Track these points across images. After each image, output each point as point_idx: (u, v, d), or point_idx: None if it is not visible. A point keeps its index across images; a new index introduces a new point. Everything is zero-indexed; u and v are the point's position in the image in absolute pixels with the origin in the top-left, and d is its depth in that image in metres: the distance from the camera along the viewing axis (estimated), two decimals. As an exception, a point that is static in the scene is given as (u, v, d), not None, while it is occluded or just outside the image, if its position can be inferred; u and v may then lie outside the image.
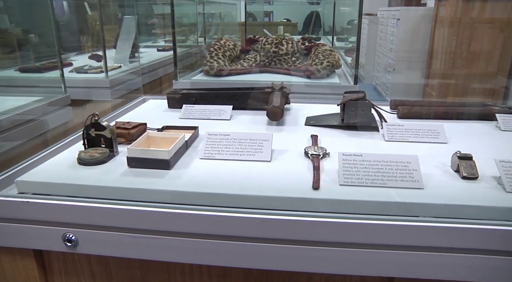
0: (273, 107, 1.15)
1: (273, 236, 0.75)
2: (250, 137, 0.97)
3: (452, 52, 3.81)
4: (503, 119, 1.20)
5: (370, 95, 4.56)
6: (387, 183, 0.79)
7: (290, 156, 0.95)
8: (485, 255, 0.73)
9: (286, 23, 5.37)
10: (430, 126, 1.10)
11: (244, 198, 0.79)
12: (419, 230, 0.73)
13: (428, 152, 1.00)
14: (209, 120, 1.26)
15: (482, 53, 3.70)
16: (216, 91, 1.39)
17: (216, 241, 0.78)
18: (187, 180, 0.86)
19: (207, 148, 0.97)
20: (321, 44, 2.21)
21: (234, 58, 2.23)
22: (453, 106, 1.29)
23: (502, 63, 3.64)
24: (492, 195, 0.79)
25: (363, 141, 1.07)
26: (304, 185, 0.80)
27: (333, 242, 0.74)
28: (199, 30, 3.60)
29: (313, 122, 1.20)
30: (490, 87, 3.71)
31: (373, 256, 0.74)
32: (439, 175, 0.86)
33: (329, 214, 0.74)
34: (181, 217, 0.77)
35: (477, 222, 0.73)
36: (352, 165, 0.82)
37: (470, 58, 3.78)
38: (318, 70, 1.86)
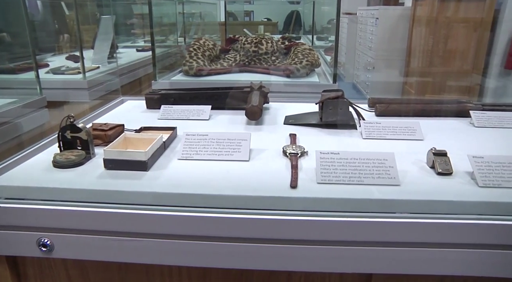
0: (251, 107, 1.15)
1: (251, 235, 0.75)
2: (228, 137, 0.97)
3: (429, 51, 3.88)
4: (477, 116, 1.23)
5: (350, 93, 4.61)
6: (364, 180, 0.80)
7: (269, 155, 0.95)
8: (460, 248, 0.75)
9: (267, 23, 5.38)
10: (407, 123, 1.12)
11: (222, 198, 0.78)
12: (396, 226, 0.74)
13: (405, 148, 1.01)
14: (188, 121, 1.25)
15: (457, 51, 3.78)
16: (194, 91, 1.38)
17: (195, 242, 0.77)
18: (165, 181, 0.85)
19: (185, 148, 0.96)
20: (301, 44, 2.22)
21: (214, 58, 2.22)
22: (429, 104, 1.31)
23: (476, 62, 3.73)
24: (465, 190, 0.80)
25: (341, 139, 1.08)
26: (282, 184, 0.81)
27: (312, 240, 0.74)
28: (179, 30, 3.57)
29: (292, 121, 1.20)
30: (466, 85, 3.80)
31: (351, 253, 0.75)
32: (415, 171, 0.88)
33: (307, 212, 0.74)
34: (159, 218, 0.77)
35: (452, 217, 0.75)
36: (329, 163, 0.82)
37: (446, 57, 3.85)
38: (297, 69, 1.87)
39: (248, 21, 5.84)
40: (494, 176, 0.83)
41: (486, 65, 3.72)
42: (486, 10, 3.66)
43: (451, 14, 3.77)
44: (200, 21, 4.42)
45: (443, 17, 3.79)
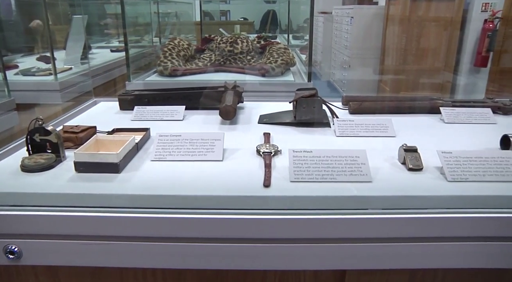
0: (225, 107, 1.15)
1: (225, 235, 0.75)
2: (201, 137, 0.96)
3: (403, 49, 3.96)
4: (447, 113, 1.26)
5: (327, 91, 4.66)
6: (337, 177, 0.81)
7: (242, 155, 0.95)
8: (431, 242, 0.76)
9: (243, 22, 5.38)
10: (380, 121, 1.13)
11: (195, 199, 0.78)
12: (368, 222, 0.75)
13: (377, 145, 1.02)
14: (161, 122, 1.24)
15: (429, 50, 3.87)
16: (168, 92, 1.37)
17: (168, 244, 0.76)
18: (137, 182, 0.84)
19: (158, 149, 0.95)
20: (276, 43, 2.23)
21: (189, 58, 2.21)
22: (401, 101, 1.34)
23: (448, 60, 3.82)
24: (435, 184, 0.82)
25: (315, 137, 1.09)
26: (256, 183, 0.81)
27: (286, 238, 0.75)
28: (154, 30, 3.53)
29: (266, 120, 1.20)
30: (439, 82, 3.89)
31: (325, 250, 0.76)
32: (387, 168, 0.89)
33: (280, 211, 0.74)
34: (131, 221, 0.76)
35: (422, 211, 0.76)
36: (302, 161, 0.83)
37: (419, 55, 3.94)
38: (272, 69, 1.88)
39: (225, 20, 5.83)
40: (462, 170, 0.85)
41: (457, 63, 3.82)
42: (455, 10, 3.76)
43: (422, 13, 3.86)
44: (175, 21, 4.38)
45: (415, 16, 3.87)
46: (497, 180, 0.83)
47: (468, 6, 3.80)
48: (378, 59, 4.42)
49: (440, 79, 3.86)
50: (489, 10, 3.67)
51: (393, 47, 4.10)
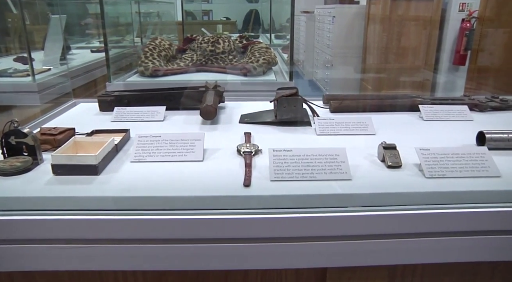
0: (206, 107, 1.15)
1: (206, 236, 0.75)
2: (181, 137, 0.95)
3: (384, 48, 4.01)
4: (425, 110, 1.28)
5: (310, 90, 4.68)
6: (317, 176, 0.81)
7: (223, 155, 0.95)
8: (410, 238, 0.77)
9: (225, 22, 5.36)
10: (360, 119, 1.14)
11: (175, 200, 0.77)
12: (348, 220, 0.75)
13: (357, 143, 1.03)
14: (142, 122, 1.23)
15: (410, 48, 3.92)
16: (149, 92, 1.36)
17: (149, 245, 0.76)
18: (117, 184, 0.83)
19: (138, 150, 0.94)
20: (257, 42, 2.23)
21: (170, 58, 2.19)
22: (381, 99, 1.35)
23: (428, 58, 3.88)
24: (413, 181, 0.83)
25: (296, 136, 1.09)
26: (236, 183, 0.80)
27: (266, 237, 0.75)
28: (135, 30, 3.49)
29: (247, 120, 1.20)
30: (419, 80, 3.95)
31: (306, 249, 0.76)
32: (367, 165, 0.90)
33: (260, 210, 0.74)
34: (111, 223, 0.75)
35: (401, 208, 0.77)
36: (282, 160, 0.83)
37: (400, 53, 3.99)
38: (254, 68, 1.88)
39: (207, 20, 5.81)
40: (439, 167, 0.86)
41: (437, 62, 3.89)
42: (434, 9, 3.82)
43: (402, 12, 3.91)
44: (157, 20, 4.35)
45: (396, 15, 3.92)
46: (473, 176, 0.85)
47: (446, 5, 3.87)
48: (360, 58, 4.46)
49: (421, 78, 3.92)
50: (466, 10, 3.74)
51: (375, 46, 4.15)
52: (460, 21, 3.80)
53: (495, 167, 0.87)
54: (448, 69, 3.91)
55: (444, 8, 3.90)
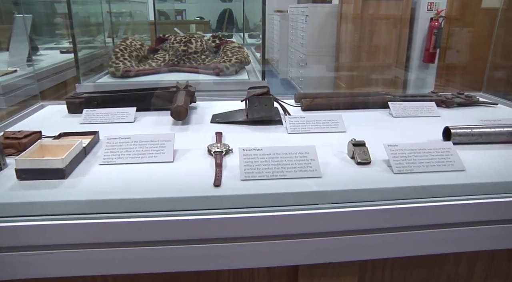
0: (177, 107, 1.14)
1: (177, 237, 0.74)
2: (151, 139, 0.94)
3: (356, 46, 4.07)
4: (394, 107, 1.30)
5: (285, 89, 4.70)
6: (287, 174, 0.82)
7: (194, 155, 0.94)
8: (379, 233, 0.78)
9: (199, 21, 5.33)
10: (330, 116, 1.15)
11: (145, 202, 0.76)
12: (319, 217, 0.76)
13: (328, 141, 1.04)
14: (112, 124, 1.21)
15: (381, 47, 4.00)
16: (119, 94, 1.33)
17: (118, 249, 0.74)
18: (85, 188, 0.81)
19: (107, 152, 0.92)
20: (230, 42, 2.22)
21: (142, 58, 2.16)
22: (352, 97, 1.37)
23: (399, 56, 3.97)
24: (382, 177, 0.85)
25: (267, 134, 1.09)
26: (206, 183, 0.80)
27: (237, 237, 0.75)
28: (107, 30, 3.43)
29: (219, 120, 1.20)
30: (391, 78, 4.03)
31: (277, 247, 0.76)
32: (337, 163, 0.91)
33: (231, 210, 0.74)
34: (78, 227, 0.73)
35: (370, 203, 0.78)
36: (252, 160, 0.83)
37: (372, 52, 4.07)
38: (226, 68, 1.87)
39: (180, 20, 5.76)
40: (407, 162, 0.88)
41: (407, 59, 3.98)
42: (403, 8, 3.91)
43: (373, 11, 3.98)
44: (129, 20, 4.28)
45: (367, 14, 3.99)
46: (439, 170, 0.87)
47: (416, 5, 3.97)
48: (333, 56, 4.52)
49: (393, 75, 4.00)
50: (434, 9, 3.85)
51: (347, 45, 4.21)
52: (428, 20, 3.91)
53: (460, 161, 0.89)
54: (418, 67, 4.01)
55: (414, 7, 4.00)
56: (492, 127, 1.05)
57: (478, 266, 0.90)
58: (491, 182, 0.84)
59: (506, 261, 0.91)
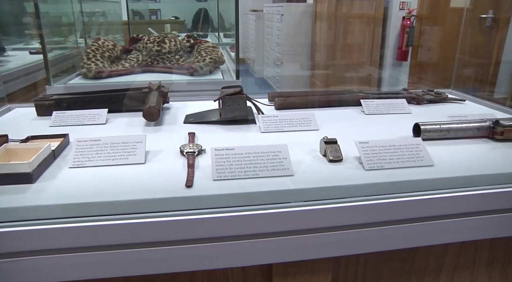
0: (149, 108, 1.12)
1: (148, 239, 0.73)
2: (122, 140, 0.93)
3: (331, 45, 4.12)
4: (366, 105, 1.32)
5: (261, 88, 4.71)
6: (260, 173, 0.82)
7: (166, 156, 0.93)
8: (351, 229, 0.79)
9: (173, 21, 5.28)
10: (303, 115, 1.16)
11: (116, 204, 0.75)
12: (291, 215, 0.76)
13: (301, 139, 1.05)
14: (83, 126, 1.18)
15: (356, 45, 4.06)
16: (90, 95, 1.31)
17: (90, 253, 0.73)
18: (54, 192, 0.79)
19: (77, 155, 0.90)
20: (204, 41, 2.21)
21: (115, 58, 2.13)
22: (325, 95, 1.39)
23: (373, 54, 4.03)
24: (354, 174, 0.86)
25: (241, 134, 1.09)
26: (178, 184, 0.79)
27: (210, 237, 0.74)
28: (79, 30, 3.35)
29: (192, 120, 1.19)
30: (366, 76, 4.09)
31: (251, 246, 0.76)
32: (309, 161, 0.92)
33: (203, 211, 0.74)
34: (48, 233, 0.71)
35: (342, 200, 0.79)
36: (224, 159, 0.83)
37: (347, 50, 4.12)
38: (201, 67, 1.86)
39: (155, 20, 5.69)
40: (378, 159, 0.89)
41: (381, 58, 4.05)
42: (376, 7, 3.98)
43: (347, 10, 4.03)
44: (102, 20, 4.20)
45: (341, 13, 4.03)
46: (409, 166, 0.89)
47: (388, 4, 4.04)
48: (308, 55, 4.55)
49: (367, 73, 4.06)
50: (406, 8, 3.93)
51: (322, 44, 4.25)
52: (401, 19, 3.98)
53: (429, 156, 0.91)
54: (392, 65, 4.09)
55: (386, 6, 4.07)
56: (460, 123, 1.08)
57: (447, 259, 0.93)
58: (458, 176, 0.87)
59: (472, 253, 0.93)
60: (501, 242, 0.94)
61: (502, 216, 0.85)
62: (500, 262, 0.96)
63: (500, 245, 0.94)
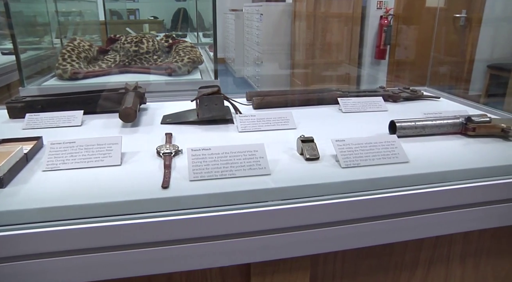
0: (125, 109, 1.11)
1: (125, 242, 0.72)
2: (97, 142, 0.91)
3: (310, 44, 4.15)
4: (344, 103, 1.33)
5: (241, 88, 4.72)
6: (236, 173, 0.82)
7: (143, 157, 0.92)
8: (329, 227, 0.80)
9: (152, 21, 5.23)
10: (280, 114, 1.17)
11: (90, 207, 0.74)
12: (269, 214, 0.76)
13: (278, 138, 1.06)
14: (58, 129, 1.16)
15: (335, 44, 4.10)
16: (64, 97, 1.28)
17: (64, 258, 0.72)
18: (26, 196, 0.77)
19: (50, 158, 0.88)
20: (182, 41, 2.20)
21: (91, 59, 2.10)
22: (302, 94, 1.40)
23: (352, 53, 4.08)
24: (330, 172, 0.87)
25: (218, 134, 1.09)
26: (155, 185, 0.79)
27: (187, 238, 0.74)
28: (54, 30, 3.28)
29: (169, 120, 1.18)
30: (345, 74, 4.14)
31: (229, 246, 0.76)
32: (286, 159, 0.92)
33: (180, 211, 0.73)
34: (18, 238, 0.70)
35: (319, 198, 0.79)
36: (201, 160, 0.82)
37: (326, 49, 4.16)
38: (179, 67, 1.85)
39: (133, 19, 5.62)
40: (354, 156, 0.90)
41: (360, 56, 4.10)
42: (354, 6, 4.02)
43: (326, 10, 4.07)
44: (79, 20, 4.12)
45: (320, 12, 4.07)
46: (384, 163, 0.90)
47: (366, 3, 4.09)
48: (288, 54, 4.58)
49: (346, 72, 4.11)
50: (383, 7, 3.98)
51: (301, 43, 4.28)
52: (378, 18, 4.04)
53: (404, 153, 0.93)
54: (370, 63, 4.14)
55: (364, 5, 4.12)
56: (434, 119, 1.10)
57: (423, 254, 0.94)
58: (432, 172, 0.88)
59: (446, 247, 0.95)
60: (473, 235, 0.96)
61: (475, 210, 0.87)
62: (472, 255, 0.98)
63: (472, 238, 0.97)
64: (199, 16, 4.29)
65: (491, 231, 0.97)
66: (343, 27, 4.06)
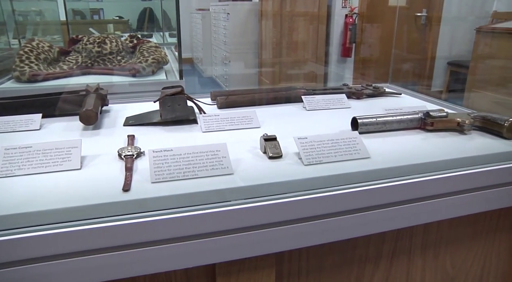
0: (85, 111, 1.08)
1: (86, 247, 0.70)
2: (56, 146, 0.89)
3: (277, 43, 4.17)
4: (307, 101, 1.35)
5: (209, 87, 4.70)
6: (199, 173, 0.82)
7: (104, 160, 0.90)
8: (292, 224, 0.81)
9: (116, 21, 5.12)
10: (244, 113, 1.17)
11: (50, 213, 0.72)
12: (231, 213, 0.76)
13: (242, 137, 1.06)
14: (14, 133, 1.12)
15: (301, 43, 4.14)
16: (21, 100, 1.24)
17: (21, 267, 0.69)
18: (-21, 204, 0.74)
19: (4, 164, 0.85)
20: (147, 41, 2.16)
21: (52, 61, 2.03)
22: (266, 92, 1.40)
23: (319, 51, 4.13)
24: (293, 170, 0.87)
25: (182, 134, 1.08)
26: (116, 188, 0.77)
27: (150, 241, 0.73)
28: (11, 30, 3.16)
29: (132, 122, 1.16)
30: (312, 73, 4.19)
31: (193, 247, 0.76)
32: (249, 158, 0.92)
33: (141, 214, 0.72)
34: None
35: (282, 196, 0.80)
36: (163, 161, 0.82)
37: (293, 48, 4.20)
38: (143, 68, 1.82)
39: (97, 19, 5.49)
40: (316, 153, 0.92)
41: (326, 54, 4.16)
42: (320, 5, 4.07)
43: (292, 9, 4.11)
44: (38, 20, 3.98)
45: (286, 11, 4.10)
46: (346, 159, 0.92)
47: (331, 2, 4.15)
48: (256, 53, 4.59)
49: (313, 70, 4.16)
50: (348, 6, 4.06)
51: (268, 41, 4.30)
52: (343, 16, 4.11)
53: (365, 149, 0.95)
54: (337, 61, 4.21)
55: (329, 4, 4.18)
56: (395, 115, 1.13)
57: (385, 246, 0.97)
58: (392, 167, 0.91)
59: (408, 239, 0.98)
60: (432, 226, 1.00)
61: (434, 202, 0.90)
62: (432, 246, 1.02)
63: (432, 230, 1.00)
64: (165, 16, 4.23)
65: (448, 221, 1.00)
66: (309, 25, 4.11)
